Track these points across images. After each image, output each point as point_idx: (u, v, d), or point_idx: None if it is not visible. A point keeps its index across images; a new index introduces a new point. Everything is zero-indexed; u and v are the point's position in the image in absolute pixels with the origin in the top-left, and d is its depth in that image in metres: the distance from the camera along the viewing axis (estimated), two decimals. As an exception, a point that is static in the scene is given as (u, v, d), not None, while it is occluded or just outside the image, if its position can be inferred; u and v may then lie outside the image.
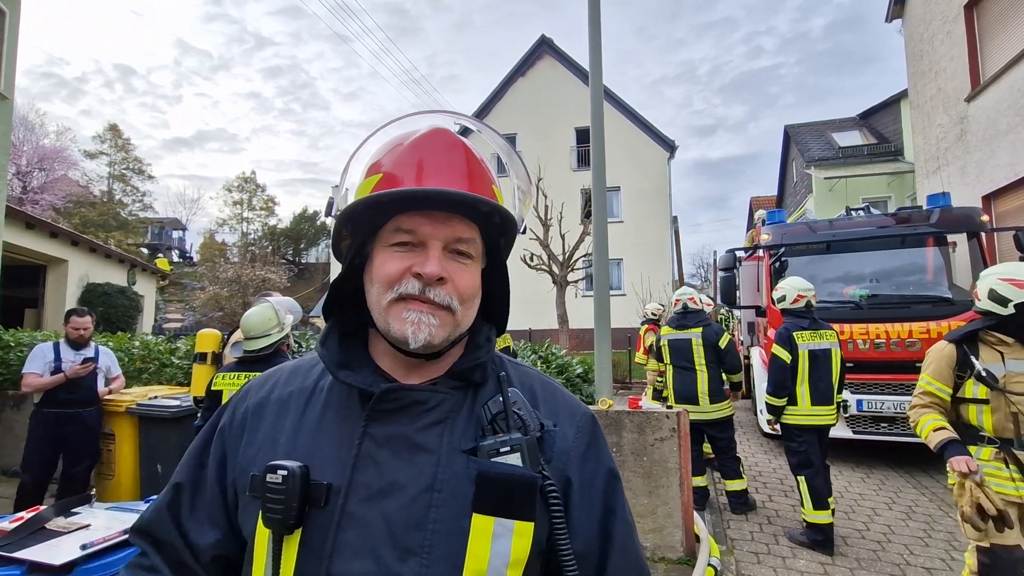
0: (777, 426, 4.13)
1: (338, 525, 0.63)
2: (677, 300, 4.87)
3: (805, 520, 3.84)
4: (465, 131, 0.85)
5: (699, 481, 4.49)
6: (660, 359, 5.02)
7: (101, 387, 4.33)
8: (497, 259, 0.78)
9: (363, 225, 0.71)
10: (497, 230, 0.74)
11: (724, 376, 4.62)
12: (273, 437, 0.72)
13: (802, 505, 3.85)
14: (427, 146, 0.70)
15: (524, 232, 0.79)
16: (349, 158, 0.77)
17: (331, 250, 0.78)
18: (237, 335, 3.56)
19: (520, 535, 0.63)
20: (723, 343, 4.55)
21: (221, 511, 0.74)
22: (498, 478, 0.63)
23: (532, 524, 0.64)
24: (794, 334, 4.02)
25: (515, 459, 0.64)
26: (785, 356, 4.00)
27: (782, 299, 4.22)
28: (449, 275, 0.67)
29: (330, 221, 0.77)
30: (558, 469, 0.70)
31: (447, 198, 0.66)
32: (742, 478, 4.51)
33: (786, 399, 3.99)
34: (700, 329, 4.63)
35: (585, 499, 0.72)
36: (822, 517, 3.74)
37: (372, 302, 0.70)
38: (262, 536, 0.65)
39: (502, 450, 0.65)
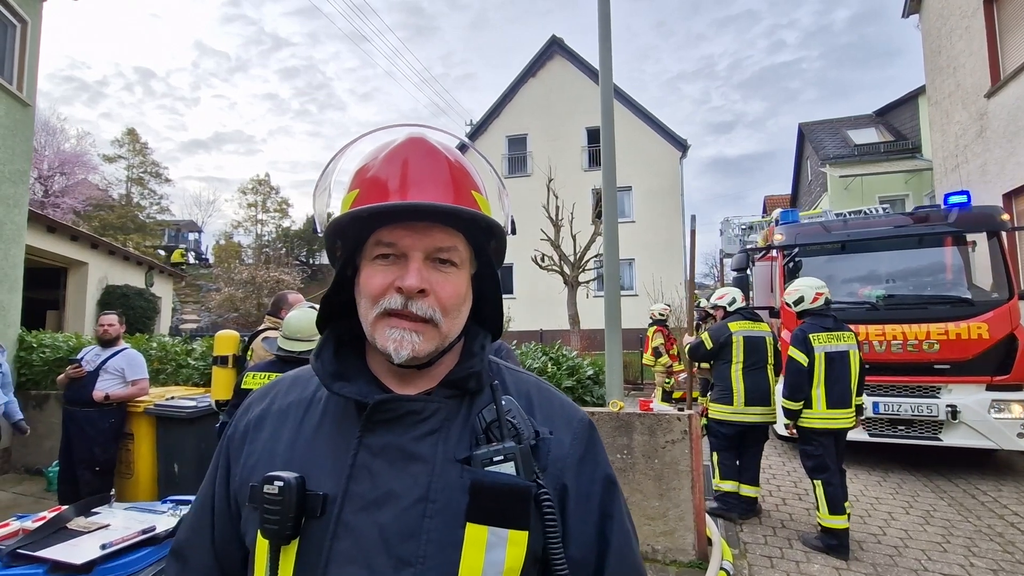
0: (794, 429, 4.06)
1: (333, 535, 0.63)
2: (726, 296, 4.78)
3: (820, 524, 3.79)
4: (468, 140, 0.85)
5: (729, 486, 4.41)
6: (700, 358, 4.83)
7: (100, 391, 4.28)
8: (488, 263, 0.77)
9: (350, 238, 0.72)
10: (484, 234, 0.73)
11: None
12: (272, 448, 0.72)
13: (817, 509, 3.80)
14: (403, 156, 0.70)
15: (515, 233, 0.78)
16: (319, 176, 0.77)
17: (328, 261, 0.79)
18: (272, 332, 3.54)
19: (514, 544, 0.63)
20: (780, 346, 4.48)
21: (232, 525, 0.76)
22: (492, 487, 0.63)
23: (526, 533, 0.64)
24: (810, 336, 3.94)
25: (509, 468, 0.64)
26: (802, 359, 3.91)
27: (800, 300, 4.13)
28: (431, 286, 0.67)
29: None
30: (554, 476, 0.70)
31: (419, 210, 0.66)
32: (759, 486, 4.47)
33: (802, 403, 3.91)
34: (768, 327, 4.55)
35: (582, 506, 0.72)
36: (838, 522, 3.68)
37: (361, 315, 0.71)
38: (261, 546, 0.66)
39: (495, 459, 0.65)
